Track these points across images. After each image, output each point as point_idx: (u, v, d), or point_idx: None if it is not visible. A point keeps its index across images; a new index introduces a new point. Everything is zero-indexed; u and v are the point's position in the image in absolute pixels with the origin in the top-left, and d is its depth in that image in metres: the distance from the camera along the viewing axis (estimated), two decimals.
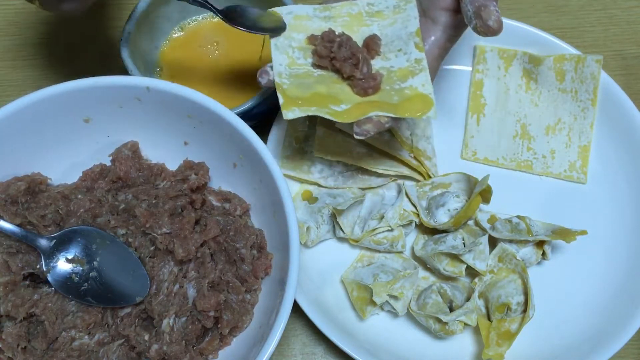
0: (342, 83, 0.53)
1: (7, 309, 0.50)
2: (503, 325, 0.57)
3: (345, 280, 0.61)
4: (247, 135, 0.52)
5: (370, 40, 0.54)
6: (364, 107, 0.51)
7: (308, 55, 0.54)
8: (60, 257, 0.52)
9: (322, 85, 0.52)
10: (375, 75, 0.52)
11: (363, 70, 0.52)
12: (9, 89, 0.71)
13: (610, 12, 0.77)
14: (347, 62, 0.52)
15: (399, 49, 0.54)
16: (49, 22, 0.74)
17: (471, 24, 0.49)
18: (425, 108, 0.51)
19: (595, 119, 0.67)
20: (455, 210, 0.61)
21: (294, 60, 0.53)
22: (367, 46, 0.54)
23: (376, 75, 0.52)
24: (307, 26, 0.55)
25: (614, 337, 0.57)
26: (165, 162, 0.59)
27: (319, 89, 0.52)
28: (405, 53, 0.53)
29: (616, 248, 0.63)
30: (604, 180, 0.66)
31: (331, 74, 0.53)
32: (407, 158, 0.64)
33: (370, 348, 0.57)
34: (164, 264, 0.53)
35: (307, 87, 0.52)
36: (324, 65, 0.53)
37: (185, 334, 0.51)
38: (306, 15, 0.55)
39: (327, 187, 0.64)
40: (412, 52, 0.53)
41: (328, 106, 0.51)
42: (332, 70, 0.53)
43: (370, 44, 0.54)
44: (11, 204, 0.53)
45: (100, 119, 0.56)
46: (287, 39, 0.54)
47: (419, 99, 0.51)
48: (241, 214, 0.57)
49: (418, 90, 0.52)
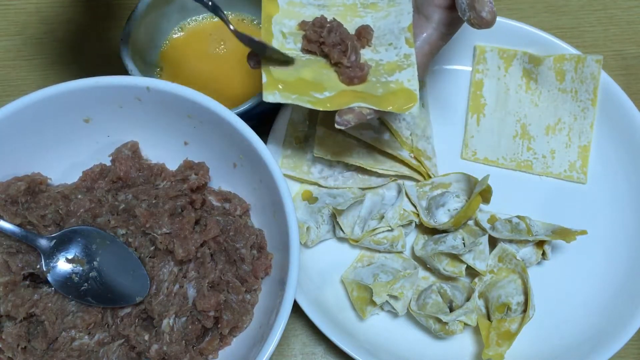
0: (329, 69, 0.52)
1: (7, 309, 0.50)
2: (503, 325, 0.57)
3: (345, 280, 0.61)
4: (247, 135, 0.52)
5: (363, 30, 0.54)
6: (347, 96, 0.51)
7: (298, 40, 0.54)
8: (60, 257, 0.52)
9: (308, 69, 0.52)
10: (363, 66, 0.52)
11: (351, 57, 0.51)
12: (9, 89, 0.71)
13: (610, 12, 0.77)
14: (335, 47, 0.52)
15: (390, 43, 0.54)
16: (49, 22, 0.74)
17: (465, 16, 0.49)
18: (409, 103, 0.50)
19: (595, 119, 0.67)
20: (455, 210, 0.61)
21: (283, 45, 0.53)
22: (358, 35, 0.54)
23: (364, 65, 0.52)
24: (299, 13, 0.55)
25: (614, 337, 0.57)
26: (165, 162, 0.59)
27: (304, 74, 0.51)
28: (395, 47, 0.53)
29: (616, 248, 0.63)
30: (604, 180, 0.66)
31: (319, 58, 0.53)
32: (407, 158, 0.64)
33: (370, 348, 0.57)
34: (164, 264, 0.53)
35: (293, 71, 0.51)
36: (312, 50, 0.53)
37: (185, 334, 0.51)
38: (300, 2, 0.55)
39: (327, 187, 0.64)
40: (402, 47, 0.53)
41: (310, 94, 0.50)
42: (320, 56, 0.53)
43: (362, 33, 0.54)
44: (11, 204, 0.53)
45: (100, 119, 0.56)
46: (278, 24, 0.54)
47: (403, 93, 0.51)
48: (241, 214, 0.57)
49: (403, 85, 0.51)
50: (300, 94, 0.50)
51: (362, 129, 0.64)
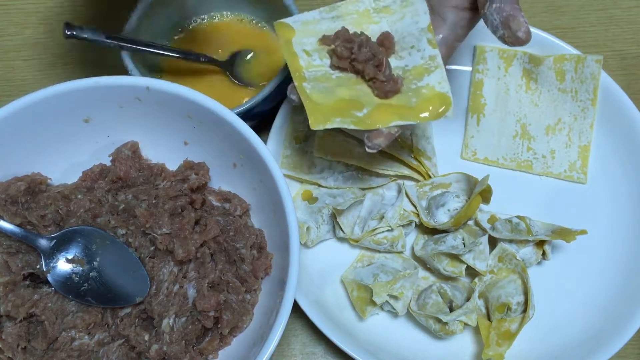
0: (362, 84, 0.52)
1: (7, 309, 0.50)
2: (503, 325, 0.57)
3: (345, 280, 0.61)
4: (247, 135, 0.52)
5: (385, 39, 0.53)
6: (384, 111, 0.50)
7: (324, 56, 0.53)
8: (60, 257, 0.52)
9: (344, 88, 0.51)
10: (397, 79, 0.51)
11: (385, 72, 0.50)
12: (9, 89, 0.71)
13: (610, 12, 0.77)
14: (368, 63, 0.51)
15: (412, 46, 0.53)
16: (49, 22, 0.74)
17: (497, 33, 0.48)
18: (444, 108, 0.50)
19: (595, 119, 0.67)
20: (455, 210, 0.61)
21: (310, 62, 0.52)
22: (381, 43, 0.53)
23: (397, 79, 0.51)
24: (316, 29, 0.54)
25: (614, 337, 0.57)
26: (165, 162, 0.59)
27: (341, 94, 0.51)
28: (418, 50, 0.52)
29: (616, 248, 0.63)
30: (604, 180, 0.66)
31: (350, 75, 0.52)
32: (407, 158, 0.64)
33: (370, 348, 0.57)
34: (164, 264, 0.53)
35: (329, 92, 0.51)
36: (343, 66, 0.52)
37: (185, 334, 0.51)
38: (314, 20, 0.54)
39: (327, 187, 0.64)
40: (426, 48, 0.52)
41: (351, 113, 0.50)
42: (351, 72, 0.52)
43: (385, 43, 0.53)
44: (11, 204, 0.53)
45: (100, 119, 0.56)
46: (298, 44, 0.53)
47: (437, 98, 0.50)
48: (241, 214, 0.57)
49: (435, 90, 0.51)
50: (342, 116, 0.49)
51: None
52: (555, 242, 0.62)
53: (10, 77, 0.72)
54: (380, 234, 0.61)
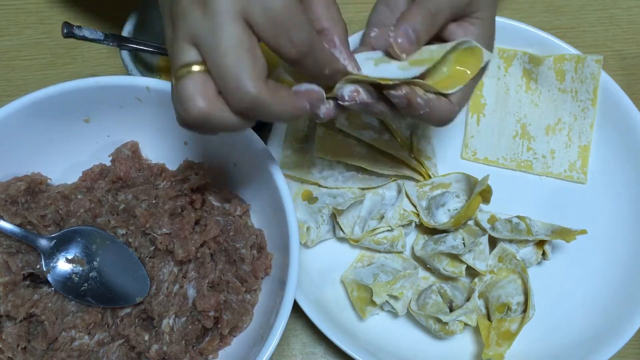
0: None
1: (7, 309, 0.50)
2: (503, 325, 0.57)
3: (345, 280, 0.61)
4: (247, 135, 0.52)
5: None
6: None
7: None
8: (60, 257, 0.52)
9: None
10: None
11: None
12: (9, 89, 0.71)
13: (610, 12, 0.77)
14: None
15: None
16: (49, 22, 0.74)
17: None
18: (480, 58, 0.45)
19: (595, 119, 0.67)
20: (455, 210, 0.61)
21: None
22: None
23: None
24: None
25: (614, 337, 0.57)
26: (165, 162, 0.59)
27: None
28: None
29: (616, 248, 0.63)
30: (604, 180, 0.66)
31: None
32: (407, 158, 0.64)
33: (370, 348, 0.57)
34: (164, 264, 0.53)
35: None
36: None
37: (185, 334, 0.51)
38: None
39: (327, 187, 0.64)
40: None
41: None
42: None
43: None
44: (11, 204, 0.53)
45: (100, 119, 0.56)
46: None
47: (468, 53, 0.45)
48: (241, 214, 0.57)
49: (463, 46, 0.45)
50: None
51: (362, 129, 0.64)
52: (555, 242, 0.62)
53: (10, 77, 0.72)
54: (380, 234, 0.61)
